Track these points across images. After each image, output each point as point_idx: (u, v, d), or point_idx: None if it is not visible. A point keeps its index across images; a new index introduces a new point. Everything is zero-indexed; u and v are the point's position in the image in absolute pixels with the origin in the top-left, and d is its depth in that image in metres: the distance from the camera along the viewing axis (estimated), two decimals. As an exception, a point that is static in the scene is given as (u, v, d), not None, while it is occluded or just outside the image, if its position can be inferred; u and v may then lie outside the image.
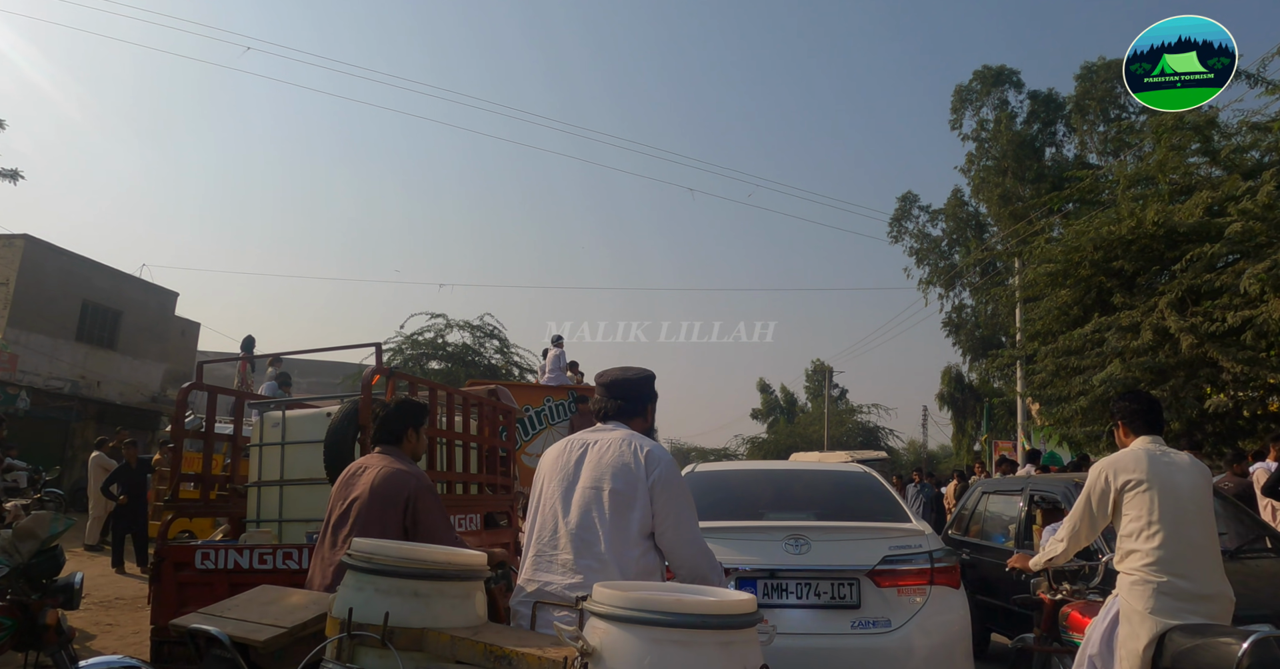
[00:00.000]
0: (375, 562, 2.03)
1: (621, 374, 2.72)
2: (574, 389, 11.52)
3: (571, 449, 2.60)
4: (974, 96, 29.43)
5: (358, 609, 1.94)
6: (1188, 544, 3.04)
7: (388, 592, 1.99)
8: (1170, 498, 3.09)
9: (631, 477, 2.43)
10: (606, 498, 2.43)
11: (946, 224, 31.29)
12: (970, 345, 29.69)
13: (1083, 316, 11.68)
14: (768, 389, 53.40)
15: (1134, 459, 3.19)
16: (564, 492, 2.52)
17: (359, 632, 1.90)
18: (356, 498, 3.11)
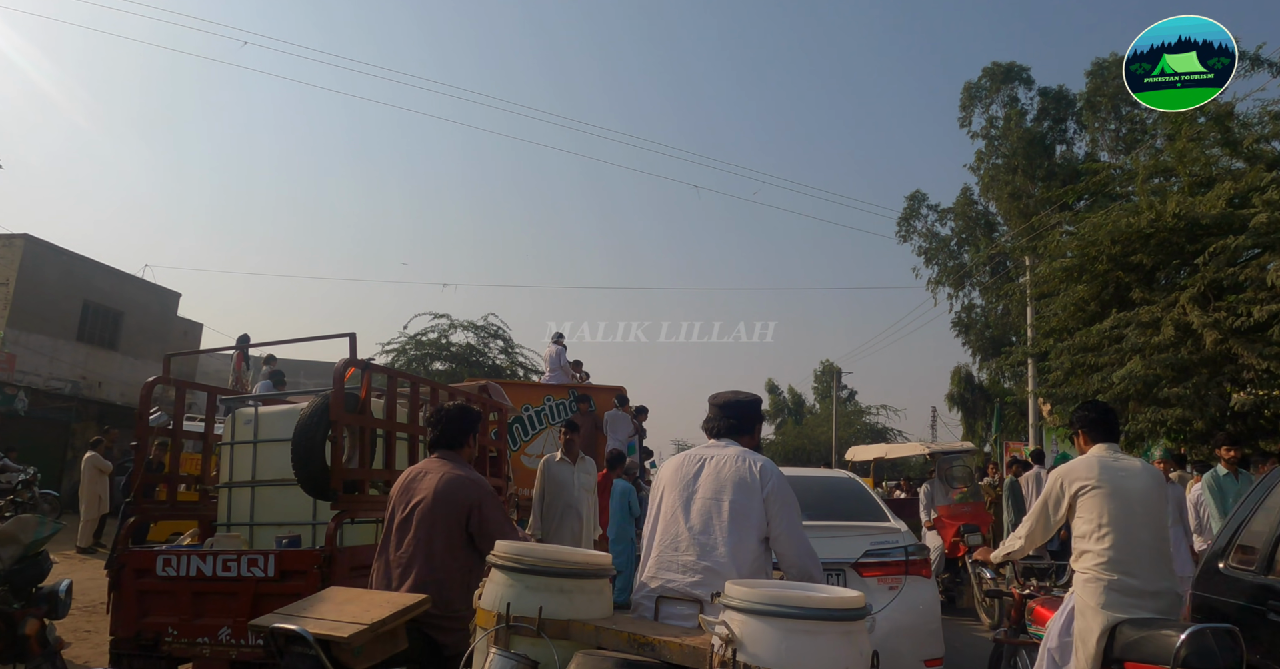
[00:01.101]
0: (524, 562, 2.28)
1: (734, 397, 3.02)
2: (574, 388, 11.16)
3: (689, 463, 2.86)
4: (983, 93, 28.98)
5: (514, 604, 2.19)
6: (1137, 545, 3.27)
7: (537, 588, 2.24)
8: (1121, 501, 3.32)
9: (749, 489, 2.72)
10: (726, 508, 2.70)
11: (955, 223, 30.82)
12: (980, 345, 29.22)
13: (1100, 313, 11.28)
14: (775, 390, 52.96)
15: (1087, 466, 3.43)
16: (684, 501, 2.77)
17: (516, 623, 2.14)
18: (419, 502, 3.21)
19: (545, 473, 6.86)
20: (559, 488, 6.76)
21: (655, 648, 2.11)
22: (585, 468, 6.98)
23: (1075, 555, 3.42)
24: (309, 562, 3.87)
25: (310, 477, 4.06)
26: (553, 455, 7.02)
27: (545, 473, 6.86)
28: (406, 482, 3.36)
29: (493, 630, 2.20)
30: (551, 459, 6.97)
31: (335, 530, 3.93)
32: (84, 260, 20.54)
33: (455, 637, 2.99)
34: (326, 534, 3.93)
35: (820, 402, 50.15)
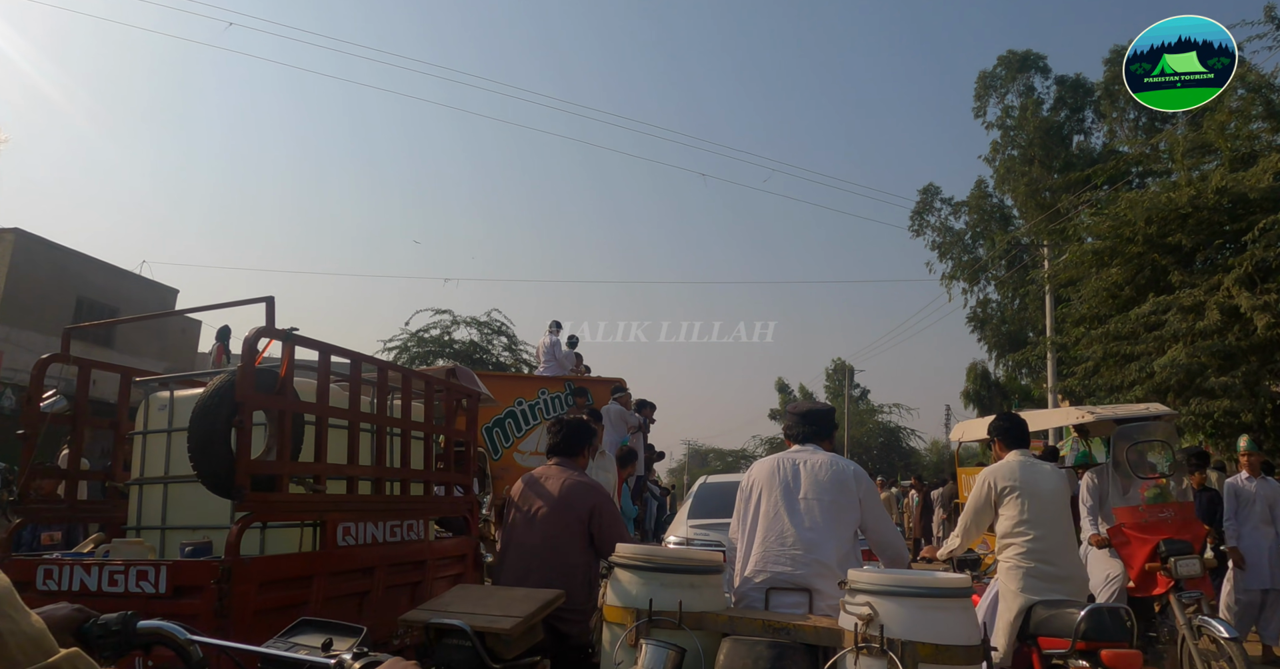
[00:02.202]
0: (657, 561, 2.54)
1: (812, 407, 3.38)
2: (571, 380, 10.37)
3: (785, 466, 3.15)
4: (999, 83, 28.03)
5: (655, 599, 2.44)
6: (1051, 537, 3.77)
7: (671, 585, 2.49)
8: (1036, 500, 3.80)
9: (846, 489, 3.06)
10: (829, 507, 3.01)
11: (970, 217, 29.85)
12: (997, 341, 28.23)
13: (1135, 298, 10.39)
14: (786, 389, 51.96)
15: (1009, 469, 3.89)
16: (787, 501, 3.04)
17: (659, 616, 2.39)
18: (542, 505, 3.53)
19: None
20: None
21: (790, 631, 2.37)
22: (605, 465, 5.92)
23: (999, 548, 3.88)
24: (205, 575, 3.09)
25: (210, 470, 3.28)
26: None
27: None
28: (527, 486, 3.74)
29: (637, 624, 2.40)
30: None
31: (238, 536, 3.15)
32: (77, 256, 19.95)
33: (578, 628, 3.20)
34: (227, 541, 3.15)
35: (832, 400, 49.16)
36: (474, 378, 5.61)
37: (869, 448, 40.82)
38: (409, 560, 4.15)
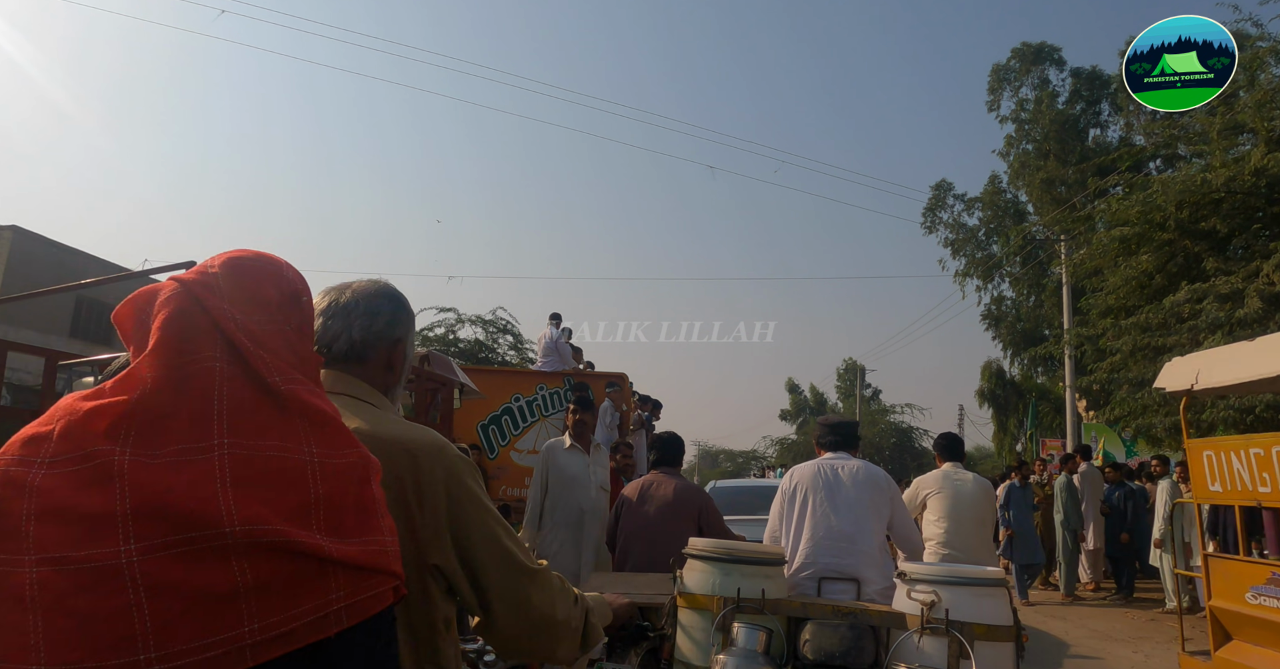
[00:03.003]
0: (738, 554, 2.85)
1: (839, 419, 3.93)
2: (571, 375, 9.84)
3: (825, 471, 3.58)
4: (1013, 76, 27.35)
5: (741, 589, 2.73)
6: (964, 532, 4.88)
7: (753, 575, 2.77)
8: (954, 502, 4.96)
9: (881, 493, 3.54)
10: (866, 506, 3.47)
11: (983, 213, 29.16)
12: (1012, 339, 27.53)
13: (1166, 286, 9.78)
14: (796, 389, 51.34)
15: (935, 478, 5.17)
16: (831, 501, 3.47)
17: (745, 603, 2.67)
18: (659, 505, 4.20)
19: (550, 463, 5.06)
20: (569, 484, 4.98)
21: (858, 615, 2.71)
22: (600, 459, 5.24)
23: (925, 538, 4.79)
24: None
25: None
26: (559, 440, 5.20)
27: (550, 463, 5.06)
28: (642, 489, 4.36)
29: (727, 609, 2.66)
30: (558, 444, 5.15)
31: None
32: (77, 253, 19.59)
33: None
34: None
35: (843, 400, 48.48)
36: (451, 366, 5.09)
37: (881, 448, 40.13)
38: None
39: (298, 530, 0.88)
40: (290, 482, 0.90)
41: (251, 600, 0.85)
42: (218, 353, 0.92)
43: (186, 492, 0.84)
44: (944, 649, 2.47)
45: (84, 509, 0.83)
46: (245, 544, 0.85)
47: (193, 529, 0.83)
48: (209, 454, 0.87)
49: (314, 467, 0.92)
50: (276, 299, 1.02)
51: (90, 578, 0.81)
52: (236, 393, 0.91)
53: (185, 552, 0.83)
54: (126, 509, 0.83)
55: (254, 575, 0.85)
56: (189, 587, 0.82)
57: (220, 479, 0.86)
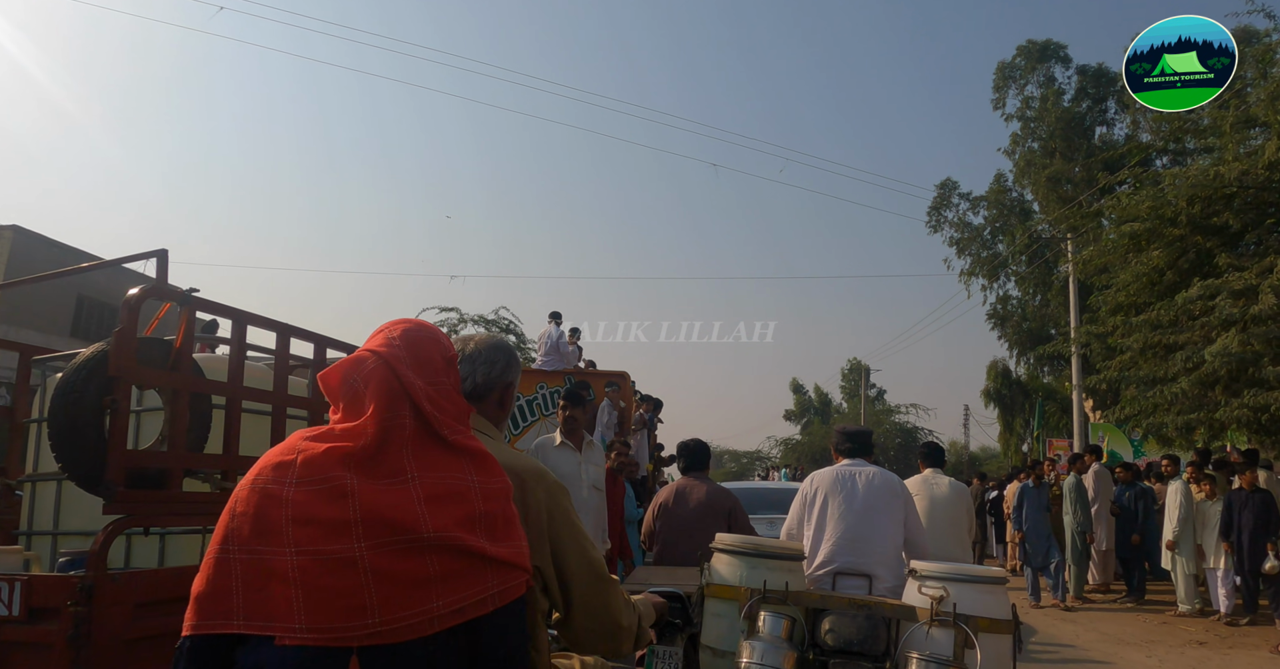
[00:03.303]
0: (765, 550, 3.06)
1: (856, 428, 4.25)
2: (572, 374, 9.68)
3: (844, 477, 3.87)
4: (1018, 73, 27.08)
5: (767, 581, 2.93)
6: (938, 531, 5.08)
7: (776, 569, 2.97)
8: (929, 504, 5.33)
9: (895, 498, 3.85)
10: (881, 509, 3.77)
11: (989, 212, 28.91)
12: (1018, 339, 27.28)
13: (1178, 283, 9.57)
14: (801, 389, 51.09)
15: (914, 483, 5.45)
16: (849, 505, 3.76)
17: (770, 593, 2.86)
18: (693, 506, 4.67)
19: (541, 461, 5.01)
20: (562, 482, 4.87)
21: (873, 608, 2.90)
22: (593, 457, 5.06)
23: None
24: (60, 595, 2.42)
25: (76, 462, 2.61)
26: (549, 437, 5.02)
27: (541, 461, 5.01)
28: (678, 492, 4.77)
29: (754, 599, 2.88)
30: (548, 441, 4.97)
31: (105, 544, 2.48)
32: (78, 253, 19.46)
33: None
34: (90, 551, 2.48)
35: (848, 400, 48.24)
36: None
37: (886, 449, 39.88)
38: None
39: (467, 535, 1.24)
40: (460, 500, 1.26)
41: (438, 584, 1.20)
42: (408, 412, 1.30)
43: (397, 507, 1.21)
44: (950, 640, 2.70)
45: (326, 517, 1.18)
46: (435, 544, 1.21)
47: (402, 533, 1.19)
48: (407, 482, 1.24)
49: (475, 489, 1.29)
50: (440, 364, 1.39)
51: (334, 565, 1.16)
52: (420, 440, 1.30)
53: (396, 548, 1.19)
54: (357, 517, 1.19)
55: (440, 567, 1.21)
56: (399, 573, 1.18)
57: (416, 499, 1.23)
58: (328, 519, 1.19)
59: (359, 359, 1.36)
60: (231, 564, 1.21)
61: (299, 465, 1.24)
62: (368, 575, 1.17)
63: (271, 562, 1.18)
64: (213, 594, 1.21)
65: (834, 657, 2.82)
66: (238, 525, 1.23)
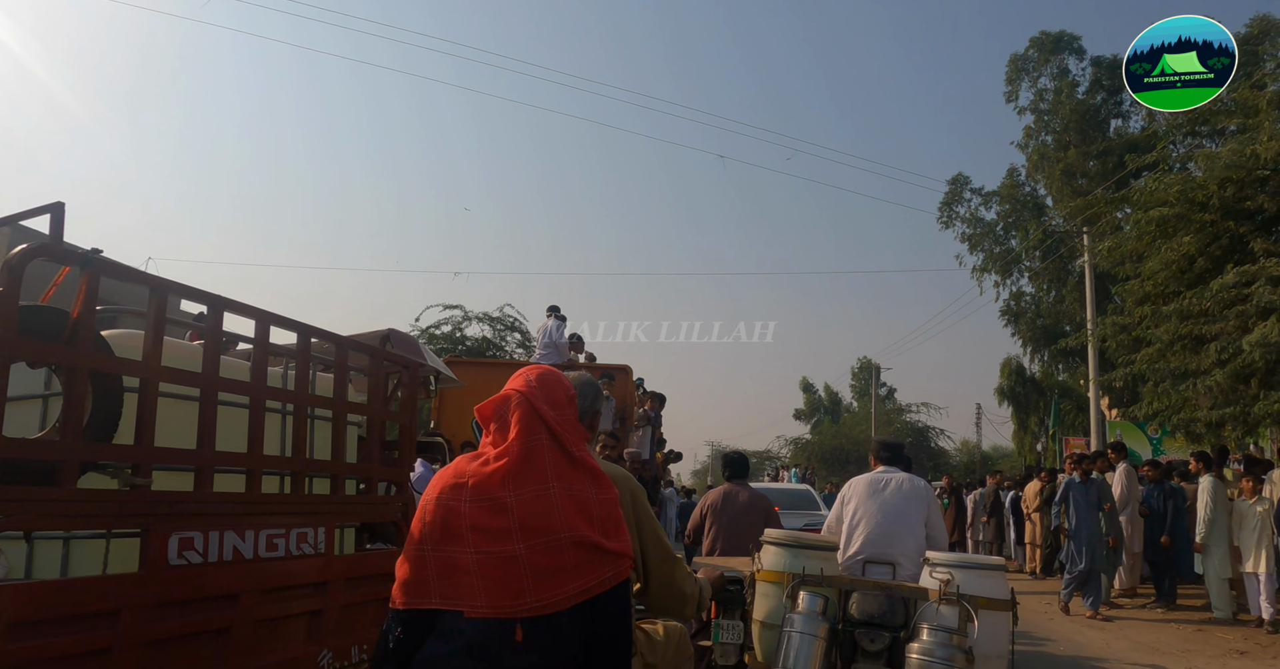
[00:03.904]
0: (805, 542, 3.64)
1: (891, 439, 5.01)
2: (570, 367, 9.21)
3: (878, 481, 4.50)
4: (1031, 66, 26.50)
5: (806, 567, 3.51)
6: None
7: (815, 557, 3.57)
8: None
9: (920, 501, 4.44)
10: (906, 510, 4.38)
11: (1001, 207, 28.30)
12: (1032, 335, 26.67)
13: (1210, 270, 9.03)
14: (811, 388, 50.52)
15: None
16: (880, 505, 4.39)
17: (809, 577, 3.44)
18: (740, 509, 5.43)
19: None
20: None
21: (892, 589, 3.46)
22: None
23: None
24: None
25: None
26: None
27: None
28: (725, 496, 5.54)
29: (795, 581, 3.42)
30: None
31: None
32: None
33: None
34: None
35: (858, 399, 47.62)
36: (419, 348, 4.46)
37: (896, 448, 39.30)
38: (298, 583, 3.01)
39: (591, 534, 1.74)
40: (584, 506, 1.77)
41: (573, 572, 1.71)
42: (544, 434, 1.80)
43: (542, 516, 1.72)
44: (955, 615, 3.24)
45: (493, 526, 1.71)
46: (569, 542, 1.71)
47: (547, 536, 1.70)
48: (548, 493, 1.74)
49: (594, 498, 1.79)
50: (563, 399, 1.89)
51: (501, 561, 1.68)
52: (555, 459, 1.79)
53: (543, 548, 1.69)
54: (515, 527, 1.71)
55: (574, 559, 1.72)
56: (546, 565, 1.69)
57: (556, 506, 1.74)
58: (494, 528, 1.69)
59: (505, 396, 1.84)
60: (426, 560, 1.71)
61: (470, 487, 1.73)
62: (525, 568, 1.66)
63: (457, 559, 1.68)
64: (415, 581, 1.71)
65: (859, 627, 3.36)
66: (429, 532, 1.73)
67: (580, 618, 1.71)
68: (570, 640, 1.71)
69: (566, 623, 1.69)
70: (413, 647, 1.72)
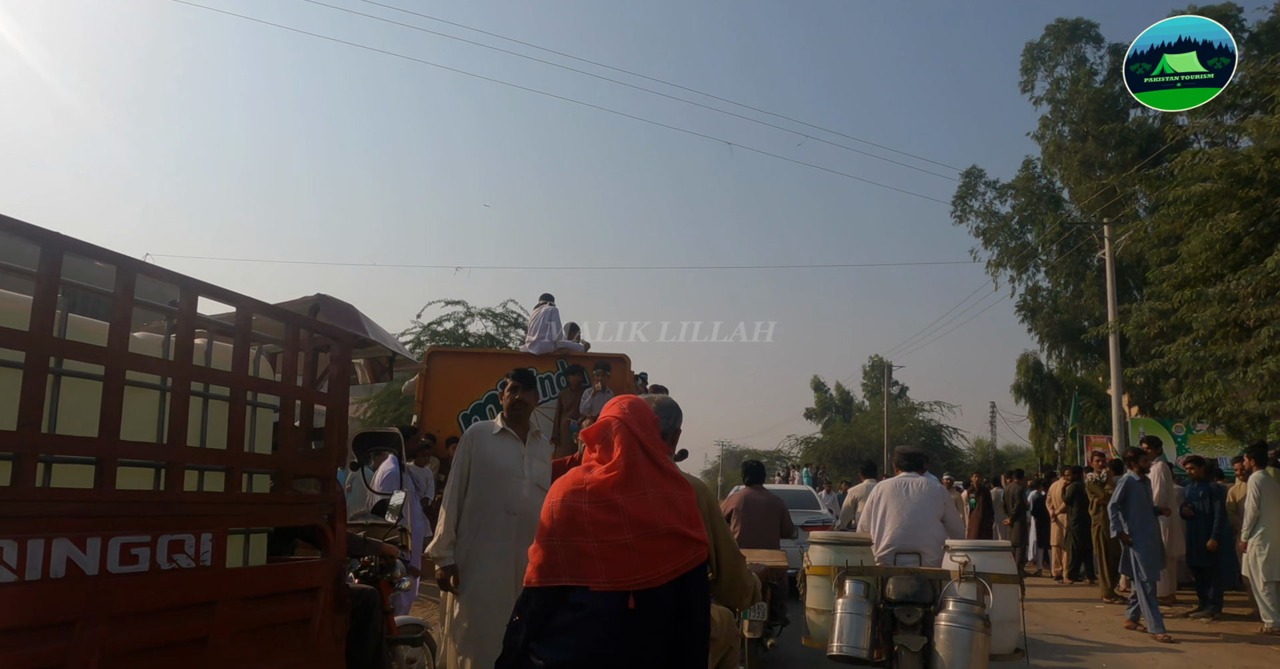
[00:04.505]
0: (844, 539, 4.72)
1: (912, 450, 5.68)
2: (564, 357, 8.53)
3: (901, 485, 5.25)
4: (1047, 54, 25.70)
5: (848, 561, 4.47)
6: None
7: (852, 552, 4.53)
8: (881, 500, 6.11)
9: (938, 500, 5.19)
10: (926, 509, 5.10)
11: (1016, 200, 27.46)
12: (1049, 331, 25.83)
13: (1258, 250, 8.26)
14: (822, 387, 49.68)
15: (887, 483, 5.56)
16: (904, 505, 5.12)
17: (855, 569, 4.30)
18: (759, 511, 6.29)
19: (472, 448, 3.98)
20: (496, 478, 3.90)
21: (920, 574, 4.32)
22: (539, 450, 4.11)
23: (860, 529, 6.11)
24: None
25: None
26: (489, 423, 4.13)
27: (472, 448, 3.98)
28: (745, 499, 6.46)
29: (841, 572, 4.27)
30: (487, 428, 4.07)
31: None
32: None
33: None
34: None
35: (870, 398, 46.73)
36: (355, 317, 3.78)
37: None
38: (170, 605, 2.33)
39: (680, 525, 2.18)
40: (673, 505, 2.22)
41: (668, 556, 2.16)
42: (639, 452, 2.25)
43: (646, 513, 2.17)
44: (974, 590, 4.07)
45: (609, 521, 2.17)
46: (665, 533, 2.16)
47: (649, 528, 2.15)
48: (647, 496, 2.20)
49: (680, 498, 2.25)
50: (650, 423, 2.35)
51: (616, 548, 2.14)
52: (649, 469, 2.25)
53: (647, 537, 2.15)
54: (626, 521, 2.16)
55: (668, 546, 2.17)
56: (650, 551, 2.15)
57: (653, 506, 2.19)
58: (610, 523, 2.19)
59: (606, 422, 2.35)
60: (556, 548, 2.21)
61: (588, 492, 2.24)
62: (634, 553, 2.16)
63: (581, 546, 2.18)
64: (547, 565, 2.21)
65: (896, 605, 4.13)
66: (556, 526, 2.23)
67: (674, 592, 2.19)
68: (667, 609, 2.17)
69: (665, 594, 2.16)
70: (544, 617, 2.17)
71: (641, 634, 2.11)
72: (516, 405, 4.04)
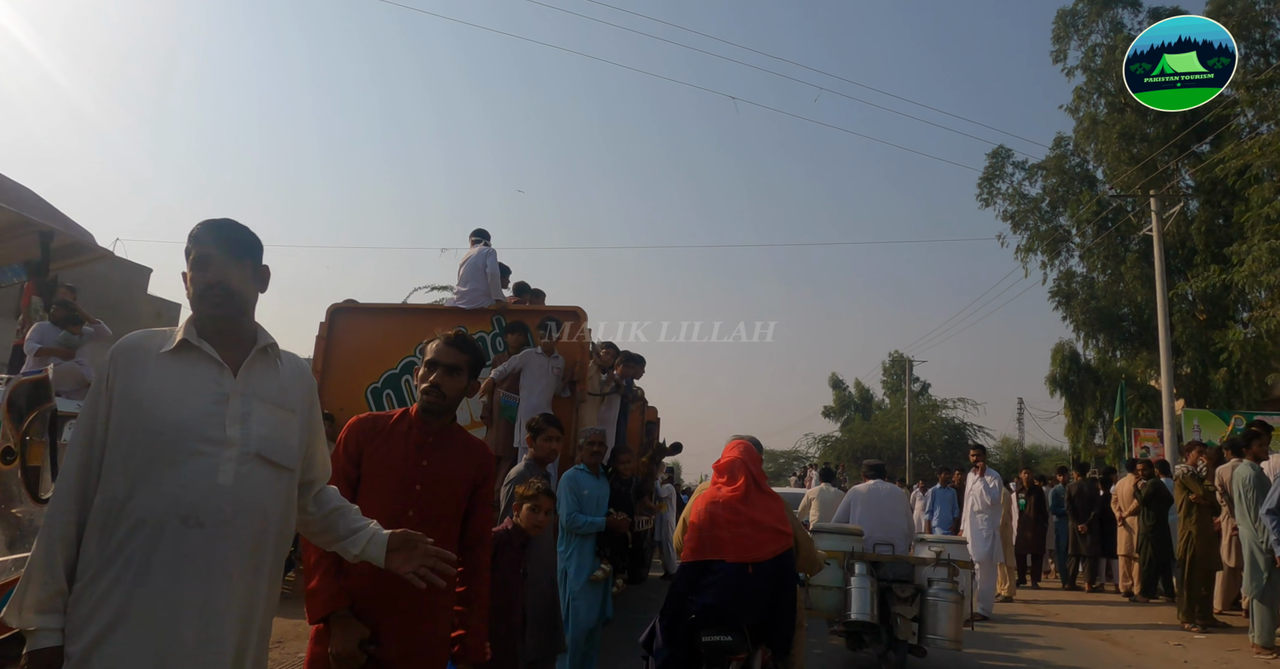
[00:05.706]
0: (848, 530, 5.88)
1: (877, 462, 7.26)
2: (499, 312, 6.60)
3: (874, 489, 6.67)
4: (1081, 22, 23.49)
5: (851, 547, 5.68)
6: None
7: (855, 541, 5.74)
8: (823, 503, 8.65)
9: (900, 501, 6.67)
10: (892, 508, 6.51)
11: (1047, 181, 25.19)
12: (1085, 319, 23.55)
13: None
14: (841, 385, 47.40)
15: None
16: (875, 505, 6.50)
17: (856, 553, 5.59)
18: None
19: (116, 385, 1.78)
20: (155, 443, 1.74)
21: (908, 560, 5.66)
22: (266, 385, 2.13)
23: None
24: None
25: None
26: (157, 332, 1.89)
27: (116, 385, 1.78)
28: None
29: (848, 557, 5.50)
30: (151, 342, 1.84)
31: None
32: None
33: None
34: None
35: (890, 396, 44.41)
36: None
37: (932, 446, 36.10)
38: None
39: (776, 524, 3.85)
40: (770, 511, 3.87)
41: (772, 542, 3.80)
42: (751, 479, 3.95)
43: (755, 514, 3.87)
44: (945, 572, 5.41)
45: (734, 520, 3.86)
46: (767, 528, 3.81)
47: (760, 524, 3.81)
48: (755, 505, 3.89)
49: (774, 506, 3.92)
50: (758, 459, 4.07)
51: (739, 535, 3.80)
52: (756, 490, 3.95)
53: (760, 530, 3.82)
54: (745, 519, 3.84)
55: (769, 535, 3.81)
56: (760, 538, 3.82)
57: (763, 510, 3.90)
58: (735, 521, 3.74)
59: (732, 460, 3.99)
60: (702, 537, 3.73)
61: (721, 502, 3.80)
62: (751, 540, 3.69)
63: (719, 535, 3.71)
64: (696, 547, 3.73)
65: (892, 583, 5.45)
66: (702, 522, 3.77)
67: (775, 565, 3.68)
68: (772, 577, 3.66)
69: (770, 566, 3.66)
70: (691, 584, 3.67)
71: (755, 590, 3.61)
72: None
